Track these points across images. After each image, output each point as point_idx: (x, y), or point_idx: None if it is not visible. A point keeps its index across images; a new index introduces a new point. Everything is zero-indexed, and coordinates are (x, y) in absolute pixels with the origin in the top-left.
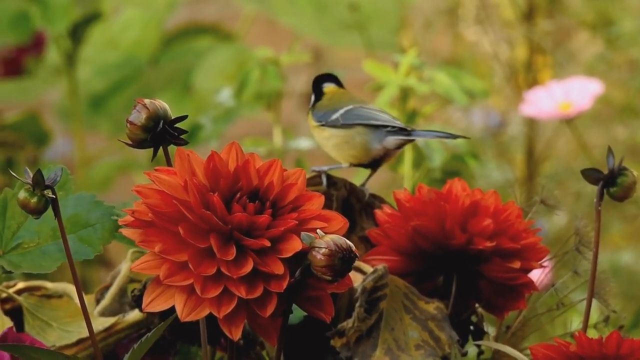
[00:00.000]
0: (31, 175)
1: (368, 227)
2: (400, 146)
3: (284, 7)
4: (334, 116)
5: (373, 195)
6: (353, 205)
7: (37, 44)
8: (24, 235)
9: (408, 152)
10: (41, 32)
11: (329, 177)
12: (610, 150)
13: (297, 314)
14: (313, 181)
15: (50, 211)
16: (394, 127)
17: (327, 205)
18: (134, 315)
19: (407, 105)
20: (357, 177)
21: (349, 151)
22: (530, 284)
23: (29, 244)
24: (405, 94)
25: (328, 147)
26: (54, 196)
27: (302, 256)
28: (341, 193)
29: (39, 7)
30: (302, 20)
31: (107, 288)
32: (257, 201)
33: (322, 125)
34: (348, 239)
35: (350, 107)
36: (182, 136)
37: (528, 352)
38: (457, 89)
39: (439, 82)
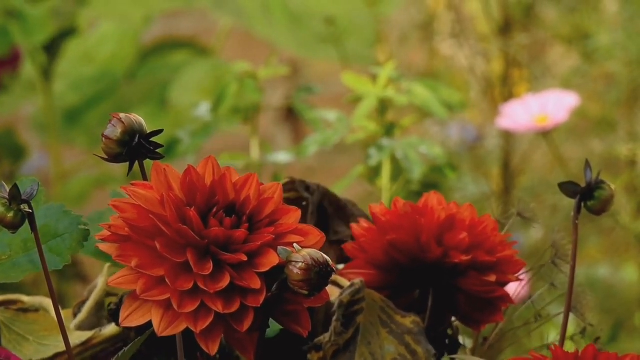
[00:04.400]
0: (7, 190)
1: (341, 231)
2: None
3: (260, 20)
4: None
5: (345, 200)
6: (326, 209)
7: (13, 59)
8: None
9: (386, 165)
10: (17, 47)
11: (302, 182)
12: (587, 164)
13: (274, 327)
14: (287, 187)
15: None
16: None
17: (302, 210)
18: (110, 329)
19: (385, 118)
20: (337, 186)
21: None
22: (506, 297)
23: (1, 256)
24: (383, 106)
25: None
26: (31, 210)
27: (279, 270)
28: (315, 197)
29: (18, 21)
30: (277, 33)
31: (84, 302)
32: (233, 215)
33: None
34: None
35: None
36: (158, 150)
37: None
38: (435, 102)
39: (418, 95)
